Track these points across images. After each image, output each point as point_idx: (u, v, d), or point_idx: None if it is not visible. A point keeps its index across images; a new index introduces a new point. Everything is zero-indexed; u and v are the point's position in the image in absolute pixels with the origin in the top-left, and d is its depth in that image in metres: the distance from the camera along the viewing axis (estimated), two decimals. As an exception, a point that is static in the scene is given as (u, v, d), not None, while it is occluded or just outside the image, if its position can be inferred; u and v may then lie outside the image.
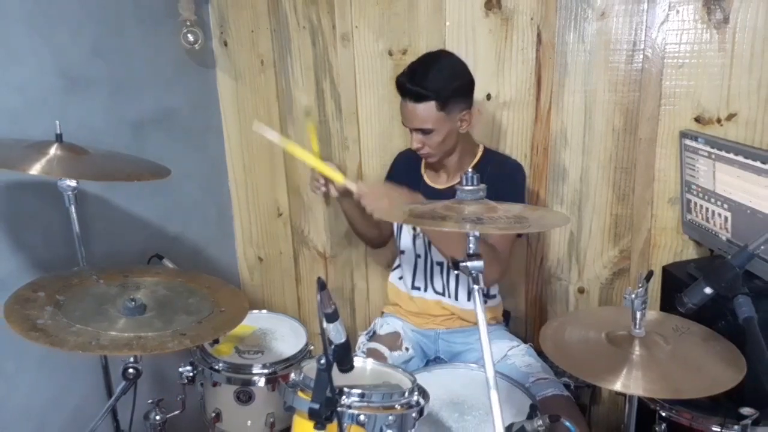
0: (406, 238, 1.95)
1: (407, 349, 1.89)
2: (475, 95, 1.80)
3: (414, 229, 1.92)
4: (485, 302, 1.93)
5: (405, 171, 1.98)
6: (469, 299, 1.89)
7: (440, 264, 1.90)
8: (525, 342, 1.89)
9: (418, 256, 1.93)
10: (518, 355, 1.81)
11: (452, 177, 1.86)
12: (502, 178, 1.78)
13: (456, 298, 1.90)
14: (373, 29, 2.15)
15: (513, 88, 2.05)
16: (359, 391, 1.24)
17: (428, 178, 1.93)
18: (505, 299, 2.04)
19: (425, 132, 1.74)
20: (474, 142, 1.90)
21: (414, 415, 1.28)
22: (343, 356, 1.17)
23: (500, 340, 1.86)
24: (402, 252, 1.98)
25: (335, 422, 1.16)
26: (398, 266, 2.03)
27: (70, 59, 1.80)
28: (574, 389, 1.74)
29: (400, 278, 2.02)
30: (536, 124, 2.05)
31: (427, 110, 1.70)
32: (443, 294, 1.92)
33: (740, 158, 1.60)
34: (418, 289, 1.95)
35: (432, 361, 1.95)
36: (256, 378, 1.71)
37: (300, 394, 1.26)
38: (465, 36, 2.05)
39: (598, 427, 2.17)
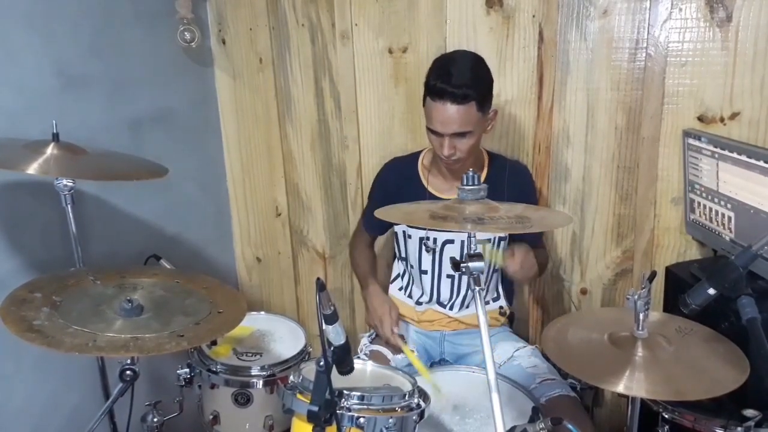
0: (412, 254, 1.89)
1: (412, 351, 1.87)
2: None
3: (422, 245, 1.86)
4: (488, 302, 1.92)
5: (403, 183, 1.89)
6: (468, 307, 1.88)
7: (450, 276, 1.86)
8: (531, 343, 1.87)
9: (424, 272, 1.88)
10: (524, 356, 1.79)
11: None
12: (525, 186, 1.86)
13: (459, 309, 1.88)
14: (373, 27, 2.14)
15: (515, 87, 2.03)
16: (359, 393, 1.23)
17: (434, 189, 1.85)
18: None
19: (461, 136, 1.66)
20: (479, 148, 1.85)
21: (414, 417, 1.27)
22: (342, 358, 1.16)
23: (506, 342, 1.85)
24: (412, 267, 1.92)
25: (334, 425, 1.14)
26: (398, 276, 2.00)
27: (67, 58, 1.79)
28: (579, 391, 1.72)
29: (400, 289, 1.98)
30: (538, 122, 2.04)
31: (468, 111, 1.62)
32: (446, 306, 1.89)
33: (744, 158, 1.59)
34: (421, 304, 1.92)
35: (436, 363, 1.92)
36: (254, 380, 1.70)
37: (299, 396, 1.25)
38: (466, 34, 2.03)
39: (601, 430, 2.15)
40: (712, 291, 1.25)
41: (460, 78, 1.62)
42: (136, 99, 2.03)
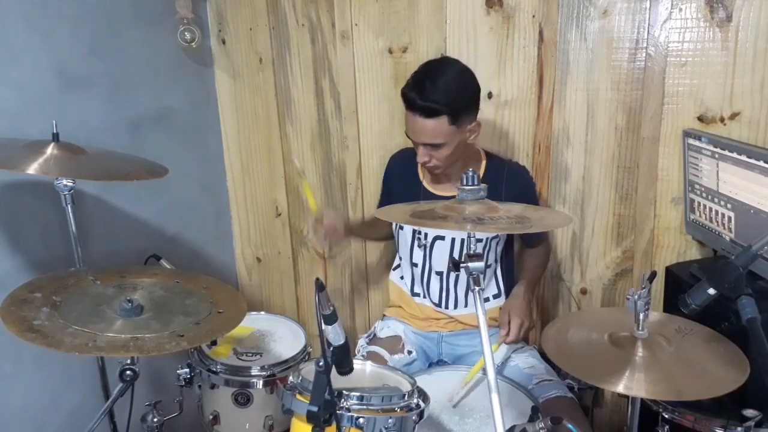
0: (404, 246, 1.92)
1: (410, 352, 1.87)
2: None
3: (415, 239, 1.87)
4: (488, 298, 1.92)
5: (402, 174, 1.93)
6: (467, 305, 1.88)
7: (439, 273, 1.87)
8: (528, 343, 1.87)
9: (414, 264, 1.90)
10: (522, 356, 1.79)
11: (456, 184, 1.82)
12: (525, 188, 1.85)
13: (455, 307, 1.88)
14: (373, 27, 2.13)
15: (514, 87, 2.03)
16: (358, 393, 1.23)
17: (428, 184, 1.88)
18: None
19: (434, 146, 1.67)
20: (475, 147, 1.87)
21: (414, 418, 1.26)
22: (341, 358, 1.16)
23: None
24: (401, 258, 1.96)
25: (334, 425, 1.14)
26: (399, 265, 2.01)
27: (68, 58, 1.79)
28: (578, 391, 1.72)
29: (402, 278, 1.99)
30: (538, 122, 2.04)
31: (438, 125, 1.62)
32: (439, 305, 1.89)
33: (744, 158, 1.59)
34: (418, 295, 1.93)
35: (435, 364, 1.92)
36: (254, 380, 1.70)
37: (298, 396, 1.25)
38: (466, 34, 2.03)
39: (601, 430, 2.15)
40: (712, 291, 1.25)
41: (431, 91, 1.60)
42: (136, 99, 2.03)
